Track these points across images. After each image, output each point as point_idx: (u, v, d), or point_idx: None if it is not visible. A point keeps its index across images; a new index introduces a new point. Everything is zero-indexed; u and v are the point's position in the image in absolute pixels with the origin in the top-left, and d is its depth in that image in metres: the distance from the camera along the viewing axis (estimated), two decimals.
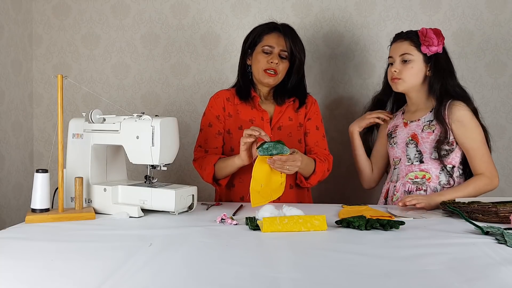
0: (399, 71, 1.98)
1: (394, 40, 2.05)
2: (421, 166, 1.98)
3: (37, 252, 1.26)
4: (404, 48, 1.98)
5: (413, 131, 2.01)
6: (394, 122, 2.12)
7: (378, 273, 1.12)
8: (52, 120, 2.61)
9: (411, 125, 2.03)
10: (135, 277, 1.07)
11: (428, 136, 1.97)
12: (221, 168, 1.93)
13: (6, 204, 2.39)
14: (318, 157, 1.98)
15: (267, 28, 2.03)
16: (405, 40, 1.99)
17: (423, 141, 1.98)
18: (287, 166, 1.77)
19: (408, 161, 2.01)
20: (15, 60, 2.45)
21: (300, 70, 2.05)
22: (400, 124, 2.08)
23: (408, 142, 2.01)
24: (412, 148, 2.00)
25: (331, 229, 1.52)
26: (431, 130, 1.97)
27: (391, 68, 2.01)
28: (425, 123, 1.99)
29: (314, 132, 2.07)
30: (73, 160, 1.79)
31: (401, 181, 2.01)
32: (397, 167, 2.05)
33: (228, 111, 2.06)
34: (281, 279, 1.06)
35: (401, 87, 2.00)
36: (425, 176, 1.97)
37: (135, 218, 1.66)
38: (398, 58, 1.99)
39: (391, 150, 2.09)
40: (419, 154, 1.98)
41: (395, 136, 2.07)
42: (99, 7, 2.56)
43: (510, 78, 2.40)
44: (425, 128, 1.98)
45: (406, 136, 2.03)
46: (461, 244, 1.35)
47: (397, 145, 2.05)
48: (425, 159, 1.97)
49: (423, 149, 1.97)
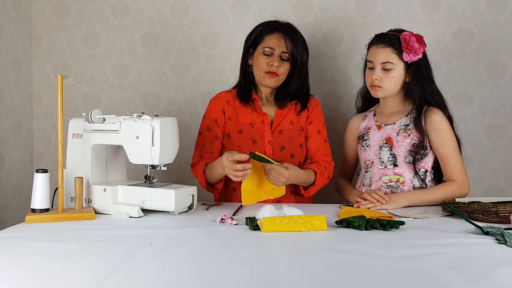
0: (380, 79, 1.96)
1: (374, 43, 2.00)
2: (395, 170, 1.96)
3: (37, 252, 1.26)
4: (385, 55, 1.94)
5: (388, 134, 1.99)
6: (365, 124, 2.10)
7: (378, 273, 1.12)
8: (52, 120, 2.61)
9: (385, 128, 2.01)
10: (135, 277, 1.07)
11: (403, 140, 1.96)
12: (209, 176, 1.92)
13: (6, 204, 2.39)
14: (319, 168, 1.95)
15: (269, 28, 2.01)
16: (387, 47, 1.95)
17: (398, 144, 1.96)
18: (272, 176, 1.77)
19: (381, 164, 1.99)
20: (15, 60, 2.45)
21: (302, 72, 2.02)
22: (373, 127, 2.06)
23: (382, 145, 1.99)
24: (386, 151, 1.98)
25: (331, 229, 1.52)
26: (406, 134, 1.96)
27: (371, 74, 1.98)
28: (400, 127, 1.98)
29: (316, 136, 2.05)
30: (73, 160, 1.79)
31: (375, 185, 1.99)
32: (369, 170, 2.03)
33: (228, 114, 2.04)
34: (281, 279, 1.06)
35: (380, 94, 1.99)
36: (399, 180, 1.96)
37: (135, 218, 1.66)
38: (378, 66, 1.95)
39: (362, 152, 2.07)
40: (393, 158, 1.97)
41: (367, 139, 2.05)
42: (99, 7, 2.56)
43: (510, 78, 2.40)
44: (400, 131, 1.97)
45: (380, 139, 2.01)
46: (461, 244, 1.35)
47: (369, 148, 2.03)
48: (399, 162, 1.96)
49: (397, 153, 1.96)
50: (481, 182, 2.42)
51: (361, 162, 2.11)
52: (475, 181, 2.41)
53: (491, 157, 2.41)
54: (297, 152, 2.01)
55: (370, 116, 2.11)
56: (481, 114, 2.41)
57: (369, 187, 2.02)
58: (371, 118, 2.09)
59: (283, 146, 2.00)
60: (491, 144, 2.41)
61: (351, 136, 2.17)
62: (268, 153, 1.97)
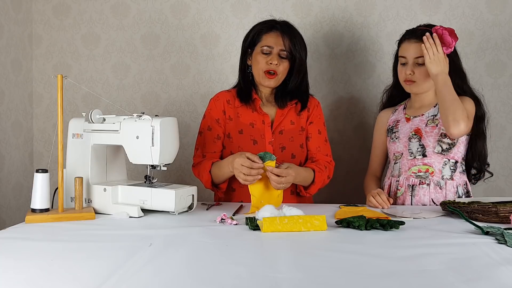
0: (414, 74, 1.97)
1: (406, 38, 2.00)
2: (424, 160, 1.98)
3: (37, 252, 1.26)
4: (419, 51, 1.94)
5: (417, 125, 2.02)
6: (394, 117, 2.12)
7: (378, 273, 1.12)
8: (52, 120, 2.61)
9: (414, 120, 2.04)
10: (135, 277, 1.07)
11: (431, 130, 1.98)
12: (217, 175, 1.91)
13: (6, 204, 2.39)
14: (317, 166, 1.95)
15: (266, 27, 2.00)
16: (420, 42, 1.94)
17: (426, 135, 1.99)
18: (282, 185, 1.77)
19: (411, 155, 2.01)
20: (15, 60, 2.45)
21: (301, 69, 2.01)
22: (402, 119, 2.08)
23: (411, 137, 2.02)
24: (415, 142, 2.00)
25: (331, 229, 1.52)
26: (434, 124, 1.98)
27: (404, 69, 1.99)
28: (429, 118, 2.01)
29: (316, 136, 2.05)
30: (73, 160, 1.79)
31: (403, 176, 2.01)
32: (399, 161, 2.05)
33: (229, 114, 2.03)
34: (281, 279, 1.06)
35: (415, 89, 2.00)
36: (428, 170, 1.97)
37: (135, 218, 1.66)
38: (412, 60, 1.97)
39: (392, 145, 2.09)
40: (422, 148, 1.99)
41: (396, 131, 2.07)
42: (99, 7, 2.56)
43: (510, 78, 2.40)
44: (429, 122, 2.00)
45: (408, 130, 2.03)
46: (461, 244, 1.35)
47: (399, 140, 2.05)
48: (428, 153, 1.98)
49: (426, 143, 1.98)
50: (481, 182, 2.42)
51: (390, 155, 2.12)
52: None
53: (491, 157, 2.41)
54: (298, 152, 2.01)
55: (400, 109, 2.12)
56: None
57: (398, 177, 2.03)
58: (401, 112, 2.11)
59: (283, 147, 2.00)
60: (491, 144, 2.41)
61: (380, 130, 2.17)
62: None
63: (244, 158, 1.74)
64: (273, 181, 1.75)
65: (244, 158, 1.74)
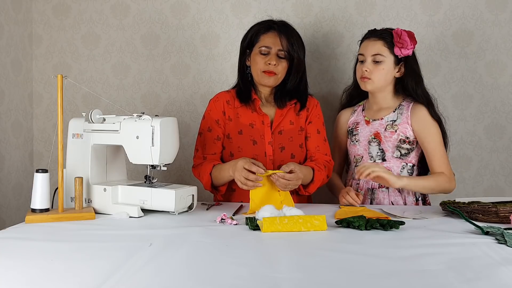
0: (370, 71, 2.00)
1: (366, 37, 2.06)
2: (384, 164, 2.00)
3: (37, 252, 1.26)
4: (376, 48, 1.99)
5: (376, 129, 2.04)
6: (354, 119, 2.14)
7: (378, 273, 1.12)
8: (52, 120, 2.61)
9: (373, 123, 2.06)
10: (135, 277, 1.07)
11: (391, 135, 2.01)
12: (217, 178, 1.91)
13: (6, 204, 2.39)
14: (316, 165, 1.95)
15: (264, 27, 2.00)
16: (379, 40, 2.00)
17: (386, 139, 2.01)
18: (289, 186, 1.78)
19: (370, 159, 2.04)
20: (15, 60, 2.45)
21: (299, 68, 2.01)
22: (362, 122, 2.10)
23: (370, 140, 2.04)
24: (375, 146, 2.03)
25: (331, 229, 1.52)
26: (393, 130, 2.01)
27: (361, 66, 2.03)
28: (388, 123, 2.03)
29: (315, 136, 2.05)
30: (73, 160, 1.79)
31: (364, 179, 2.01)
32: (359, 164, 2.06)
33: (228, 115, 2.03)
34: (281, 279, 1.06)
35: (369, 87, 2.03)
36: None
37: (135, 218, 1.66)
38: (369, 58, 2.00)
39: (352, 147, 2.11)
40: (382, 153, 2.02)
41: (356, 134, 2.09)
42: (99, 7, 2.56)
43: (510, 78, 2.40)
44: (388, 127, 2.02)
45: (368, 134, 2.05)
46: (461, 244, 1.35)
47: (359, 143, 2.08)
48: (387, 157, 2.01)
49: (385, 148, 2.01)
50: (481, 182, 2.42)
51: (350, 156, 2.14)
52: (475, 181, 2.42)
53: (491, 157, 2.42)
54: (297, 152, 2.01)
55: (358, 110, 2.15)
56: (481, 114, 2.41)
57: (358, 180, 2.05)
58: (359, 113, 2.13)
59: (283, 147, 2.00)
60: (491, 144, 2.41)
61: (340, 130, 2.20)
62: (268, 154, 1.97)
63: (249, 163, 1.75)
64: (281, 184, 1.77)
65: (249, 163, 1.75)
